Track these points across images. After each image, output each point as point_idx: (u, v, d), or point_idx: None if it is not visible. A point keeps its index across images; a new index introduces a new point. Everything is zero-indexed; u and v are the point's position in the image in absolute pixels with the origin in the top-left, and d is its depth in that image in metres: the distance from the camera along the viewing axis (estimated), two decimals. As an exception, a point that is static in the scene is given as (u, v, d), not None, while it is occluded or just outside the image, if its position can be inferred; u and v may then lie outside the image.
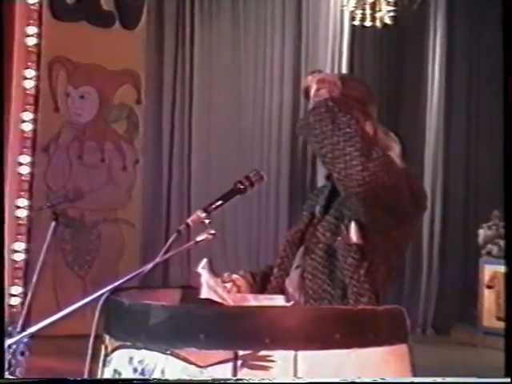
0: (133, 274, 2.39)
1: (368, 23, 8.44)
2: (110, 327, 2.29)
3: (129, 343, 2.20)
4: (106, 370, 2.28)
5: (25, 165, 7.87)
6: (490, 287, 8.86)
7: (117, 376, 2.21)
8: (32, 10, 7.92)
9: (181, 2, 9.38)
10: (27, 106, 7.88)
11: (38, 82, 7.96)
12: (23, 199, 7.80)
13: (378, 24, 8.42)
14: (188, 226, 2.49)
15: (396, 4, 8.32)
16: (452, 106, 10.02)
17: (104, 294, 2.28)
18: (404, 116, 9.78)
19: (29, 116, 7.90)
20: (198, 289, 2.51)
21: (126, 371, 2.18)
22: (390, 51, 9.97)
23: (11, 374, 3.50)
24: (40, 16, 7.96)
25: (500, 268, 8.68)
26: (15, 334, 2.40)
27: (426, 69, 9.93)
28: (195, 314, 2.15)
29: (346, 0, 8.53)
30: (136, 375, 2.15)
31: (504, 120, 2.37)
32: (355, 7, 8.39)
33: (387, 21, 8.38)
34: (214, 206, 2.53)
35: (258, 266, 7.14)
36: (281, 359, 2.06)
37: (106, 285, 2.32)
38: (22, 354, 3.57)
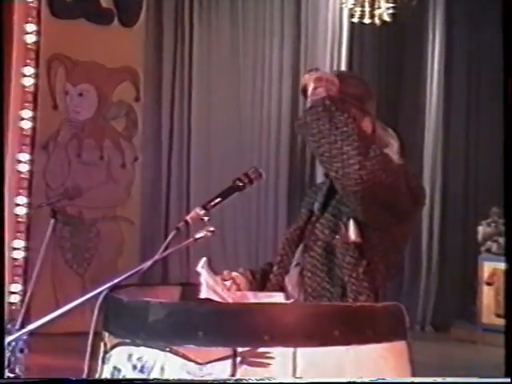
0: (132, 272, 2.39)
1: (367, 20, 8.44)
2: (109, 324, 2.30)
3: (128, 340, 2.20)
4: (105, 367, 2.28)
5: (24, 162, 7.87)
6: (489, 284, 8.87)
7: (116, 373, 2.21)
8: (31, 7, 7.92)
9: (180, 0, 9.38)
10: (26, 103, 7.88)
11: (36, 79, 7.95)
12: (22, 197, 7.80)
13: (376, 21, 8.42)
14: (187, 223, 2.49)
15: (395, 1, 8.32)
16: (451, 104, 10.02)
17: (103, 291, 2.28)
18: (403, 113, 9.78)
19: (28, 114, 7.90)
20: (197, 285, 2.52)
21: (126, 368, 2.19)
22: (389, 48, 9.97)
23: (11, 372, 3.50)
24: (39, 13, 7.96)
25: (499, 265, 8.68)
26: (14, 331, 2.40)
27: (425, 66, 9.92)
28: (194, 311, 2.15)
29: (345, -3, 8.54)
30: (135, 372, 2.15)
31: (504, 120, 2.38)
32: (354, 4, 8.38)
33: (386, 18, 8.37)
34: (212, 204, 2.53)
35: (258, 263, 7.15)
36: (280, 356, 2.06)
37: (105, 282, 2.32)
38: (21, 351, 3.57)
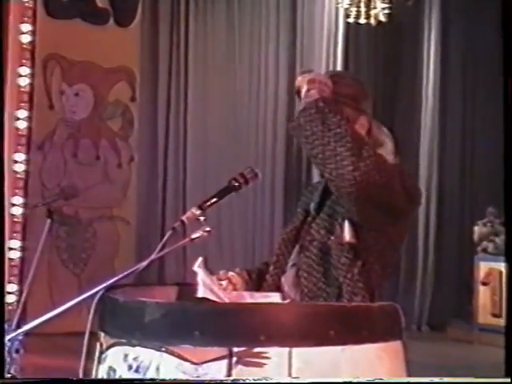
0: (128, 272, 2.38)
1: (363, 20, 8.44)
2: (105, 324, 2.29)
3: (124, 340, 2.20)
4: (101, 367, 2.28)
5: (20, 162, 7.87)
6: (485, 284, 8.87)
7: (112, 373, 2.21)
8: (26, 7, 7.91)
9: (175, 0, 9.38)
10: (22, 103, 7.87)
11: (32, 79, 7.95)
12: (18, 197, 7.80)
13: (372, 21, 8.43)
14: (183, 223, 2.49)
15: (390, 1, 8.33)
16: (447, 103, 10.03)
17: (99, 291, 2.28)
18: (399, 113, 9.79)
19: (23, 114, 7.89)
20: (194, 285, 2.52)
21: (121, 368, 2.18)
22: (384, 48, 9.97)
23: (6, 372, 3.50)
24: (34, 13, 7.95)
25: (495, 265, 8.69)
26: (10, 331, 2.40)
27: (421, 66, 9.94)
28: (190, 311, 2.15)
29: (340, -2, 8.54)
30: (131, 372, 2.15)
31: (504, 120, 2.38)
32: (350, 4, 8.39)
33: (382, 18, 8.38)
34: (208, 204, 2.52)
35: (254, 263, 7.14)
36: (275, 356, 2.06)
37: (102, 283, 2.31)
38: (17, 351, 3.57)
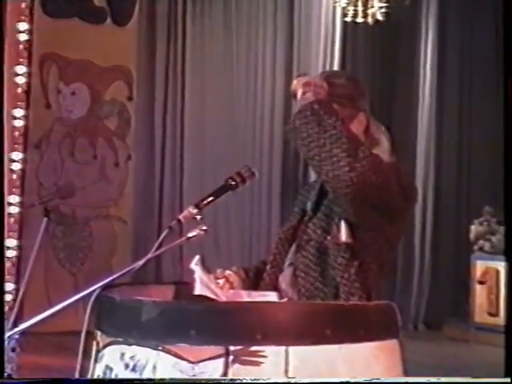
0: (124, 270, 2.38)
1: (360, 20, 8.44)
2: (101, 323, 2.29)
3: (120, 339, 2.20)
4: (97, 365, 2.28)
5: (16, 161, 7.86)
6: (481, 283, 8.88)
7: (108, 372, 2.21)
8: (23, 6, 7.91)
9: (172, -1, 9.39)
10: (19, 102, 7.87)
11: (29, 78, 7.95)
12: (15, 196, 7.79)
13: (369, 20, 8.43)
14: (180, 222, 2.49)
15: (388, 0, 8.33)
16: (444, 102, 10.04)
17: (96, 290, 2.28)
18: (396, 112, 9.79)
19: (20, 112, 7.89)
20: (190, 284, 2.52)
21: (118, 367, 2.19)
22: (382, 47, 9.97)
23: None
24: (31, 12, 7.95)
25: (492, 264, 8.71)
26: (6, 330, 2.40)
27: (418, 64, 9.94)
28: (186, 310, 2.15)
29: (337, -4, 8.55)
30: (127, 371, 2.15)
31: (504, 120, 2.39)
32: (347, 4, 8.39)
33: (379, 17, 8.38)
34: (205, 202, 2.52)
35: (251, 262, 7.14)
36: (272, 355, 2.06)
37: (98, 282, 2.31)
38: (13, 350, 3.56)
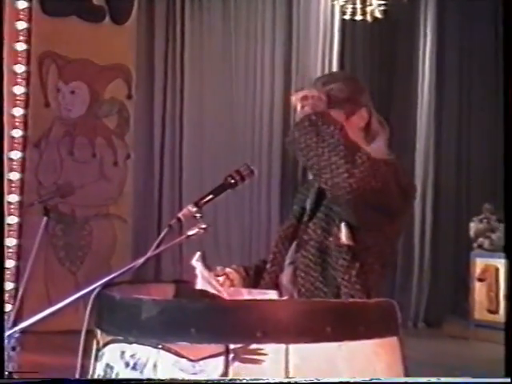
0: (124, 269, 2.38)
1: (358, 17, 8.44)
2: (101, 322, 2.29)
3: (120, 338, 2.20)
4: (98, 364, 2.28)
5: (16, 161, 7.86)
6: (481, 280, 8.88)
7: (109, 370, 2.21)
8: (22, 5, 7.90)
9: (171, -3, 9.38)
10: (18, 101, 7.86)
11: (28, 77, 7.94)
12: (14, 195, 7.79)
13: (368, 18, 8.43)
14: (179, 220, 2.49)
15: (386, -2, 8.34)
16: (443, 100, 10.04)
17: (96, 288, 2.28)
18: (395, 110, 9.78)
19: (19, 112, 7.89)
20: (190, 282, 2.52)
21: (118, 365, 2.19)
22: (380, 45, 9.97)
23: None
24: (30, 11, 7.94)
25: (491, 261, 8.71)
26: (6, 329, 2.40)
27: (417, 62, 9.94)
28: (186, 308, 2.15)
29: (336, -6, 8.55)
30: (128, 369, 2.15)
31: (504, 120, 2.39)
32: (346, 1, 8.39)
33: (378, 15, 8.38)
34: (204, 201, 2.53)
35: (251, 260, 7.14)
36: (272, 352, 2.06)
37: (98, 280, 2.31)
38: (13, 349, 3.56)
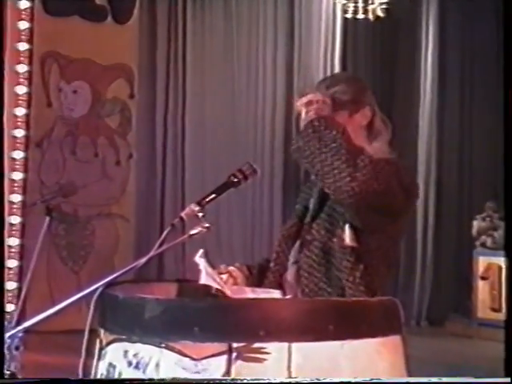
0: (127, 268, 2.39)
1: (360, 16, 8.44)
2: (104, 321, 2.29)
3: (123, 337, 2.20)
4: (100, 363, 2.28)
5: (18, 160, 7.86)
6: (484, 278, 8.88)
7: (111, 369, 2.22)
8: (24, 4, 7.91)
9: (173, -4, 9.38)
10: (20, 101, 7.87)
11: (30, 77, 7.94)
12: (17, 195, 7.79)
13: (370, 17, 8.43)
14: (182, 219, 2.50)
15: (388, -4, 8.34)
16: (445, 99, 10.03)
17: (98, 288, 2.29)
18: (397, 108, 9.77)
19: (21, 111, 7.89)
20: (193, 281, 2.52)
21: (121, 364, 2.19)
22: (382, 44, 9.97)
23: (6, 369, 3.50)
24: (32, 11, 7.95)
25: (494, 259, 8.70)
26: (10, 328, 2.40)
27: (419, 61, 9.93)
28: (189, 307, 2.15)
29: (338, -7, 8.55)
30: (131, 368, 2.15)
31: (504, 119, 2.39)
32: (347, 0, 8.39)
33: (380, 13, 8.38)
34: (207, 200, 2.53)
35: (253, 259, 7.15)
36: (275, 351, 2.06)
37: (101, 280, 2.32)
38: (17, 348, 3.57)
